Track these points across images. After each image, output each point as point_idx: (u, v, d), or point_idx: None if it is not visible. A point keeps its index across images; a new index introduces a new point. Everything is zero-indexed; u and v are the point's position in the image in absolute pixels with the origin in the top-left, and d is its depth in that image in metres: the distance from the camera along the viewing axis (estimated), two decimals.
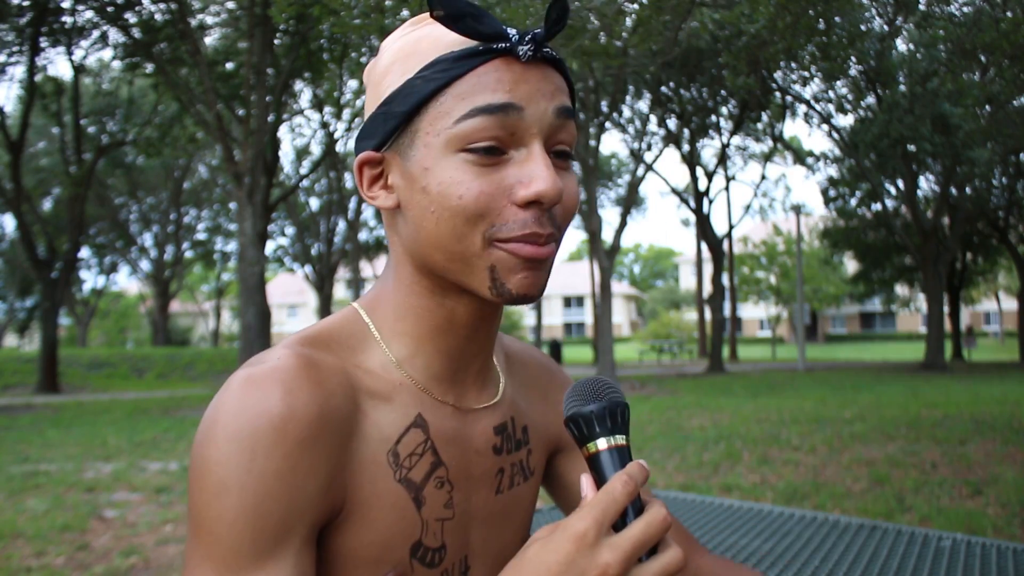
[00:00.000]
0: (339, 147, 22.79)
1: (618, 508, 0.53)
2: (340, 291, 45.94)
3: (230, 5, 15.93)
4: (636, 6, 9.33)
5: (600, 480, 0.57)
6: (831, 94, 18.80)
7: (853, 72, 17.10)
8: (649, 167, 19.84)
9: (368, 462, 0.62)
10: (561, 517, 0.75)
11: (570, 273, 62.18)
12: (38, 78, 16.60)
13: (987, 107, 11.89)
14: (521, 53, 0.59)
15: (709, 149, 35.86)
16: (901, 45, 17.57)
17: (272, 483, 0.56)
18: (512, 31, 0.60)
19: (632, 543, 0.52)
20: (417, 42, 0.63)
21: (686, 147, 22.06)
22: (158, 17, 14.36)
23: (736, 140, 24.70)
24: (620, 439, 0.58)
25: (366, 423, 0.63)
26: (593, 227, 16.22)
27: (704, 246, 27.01)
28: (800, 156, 23.90)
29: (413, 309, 0.67)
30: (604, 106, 17.53)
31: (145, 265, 32.46)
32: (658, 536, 0.53)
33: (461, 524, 0.68)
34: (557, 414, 0.81)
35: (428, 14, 0.64)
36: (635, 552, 0.52)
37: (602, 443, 0.58)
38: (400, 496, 0.63)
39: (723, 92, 18.93)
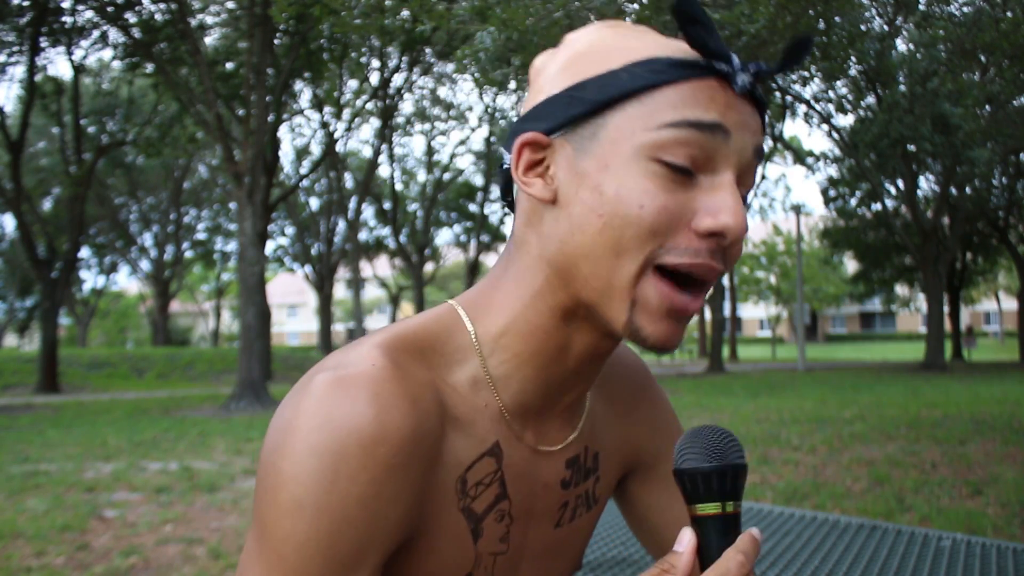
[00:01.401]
0: (339, 147, 22.80)
1: None
2: (340, 291, 45.95)
3: (230, 5, 15.93)
4: (636, 6, 9.32)
5: (704, 545, 0.54)
6: (831, 94, 18.80)
7: (853, 72, 17.10)
8: None
9: (439, 486, 0.58)
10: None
11: None
12: (38, 78, 16.61)
13: (987, 107, 11.89)
14: (740, 82, 0.55)
15: None
16: (901, 45, 17.56)
17: (353, 509, 0.51)
18: (735, 57, 0.56)
19: None
20: (623, 38, 0.58)
21: None
22: (158, 17, 14.36)
23: None
24: (732, 506, 0.54)
25: (446, 446, 0.58)
26: None
27: None
28: (800, 156, 23.90)
29: (525, 326, 0.60)
30: None
31: (145, 265, 32.47)
32: None
33: (512, 560, 0.64)
34: (638, 434, 0.75)
35: (620, 21, 0.61)
36: None
37: (713, 508, 0.54)
38: (460, 526, 0.59)
39: None
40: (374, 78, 21.25)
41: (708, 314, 26.89)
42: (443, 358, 0.60)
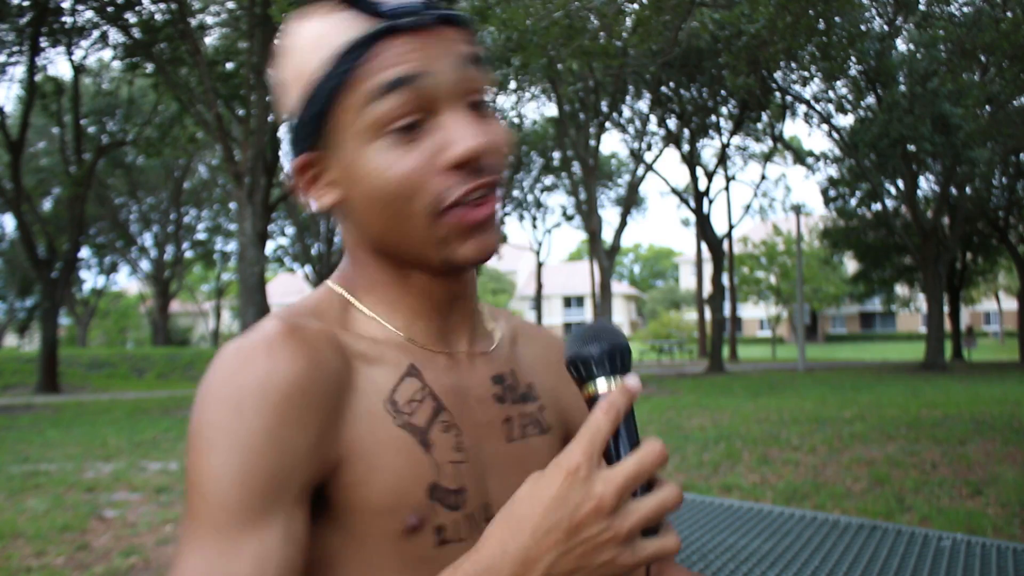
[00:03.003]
0: None
1: (604, 436, 0.52)
2: None
3: (230, 5, 15.93)
4: (636, 6, 9.32)
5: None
6: (831, 94, 18.81)
7: (853, 72, 17.10)
8: (649, 167, 19.85)
9: (364, 413, 0.62)
10: None
11: (570, 273, 62.18)
12: (38, 78, 16.60)
13: (987, 107, 11.89)
14: (411, 24, 0.60)
15: (709, 149, 35.79)
16: (901, 45, 17.58)
17: (260, 440, 0.56)
18: (393, 3, 0.60)
19: (625, 475, 0.51)
20: (315, 39, 0.62)
21: (686, 147, 22.06)
22: (158, 17, 14.36)
23: (736, 140, 24.71)
24: (619, 380, 0.57)
25: (359, 379, 0.63)
26: (593, 227, 16.22)
27: (704, 246, 27.01)
28: (800, 156, 23.90)
29: (382, 282, 0.68)
30: (604, 106, 17.53)
31: (145, 265, 32.47)
32: (653, 469, 0.52)
33: (476, 470, 0.67)
34: (568, 394, 0.78)
35: (314, 6, 0.64)
36: (629, 484, 0.51)
37: (602, 384, 0.57)
38: (404, 440, 0.63)
39: (723, 92, 18.92)
40: None
41: (708, 314, 26.89)
42: (335, 315, 0.67)
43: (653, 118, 20.37)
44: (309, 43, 0.62)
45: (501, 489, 0.69)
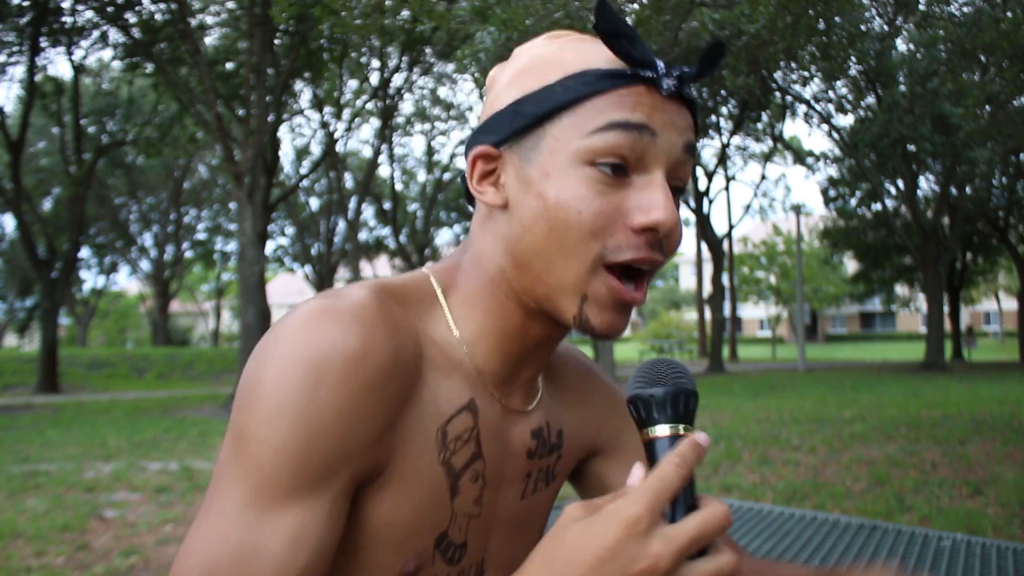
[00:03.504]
0: (339, 147, 22.79)
1: (671, 492, 0.50)
2: None
3: (230, 5, 15.93)
4: (636, 6, 9.32)
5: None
6: (831, 94, 18.79)
7: (853, 72, 17.09)
8: None
9: (419, 431, 0.60)
10: None
11: None
12: (38, 78, 16.61)
13: (987, 107, 11.89)
14: (665, 86, 0.60)
15: (709, 149, 35.83)
16: (901, 45, 17.56)
17: (331, 418, 0.53)
18: (660, 62, 0.60)
19: (687, 536, 0.49)
20: (561, 52, 0.63)
21: None
22: (158, 17, 14.36)
23: (736, 140, 24.73)
24: (683, 428, 0.55)
25: (425, 390, 0.61)
26: None
27: (704, 246, 27.02)
28: (800, 156, 23.91)
29: (489, 303, 0.66)
30: None
31: (145, 265, 32.47)
32: (715, 534, 0.50)
33: (484, 525, 0.66)
34: (596, 416, 0.80)
35: (566, 31, 0.66)
36: (689, 547, 0.49)
37: (662, 430, 0.55)
38: (439, 479, 0.61)
39: (723, 92, 18.92)
40: (374, 78, 21.25)
41: (708, 314, 26.90)
42: (420, 310, 0.65)
43: None
44: (564, 52, 0.63)
45: (499, 547, 0.68)
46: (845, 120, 20.33)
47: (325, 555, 0.55)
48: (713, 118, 21.27)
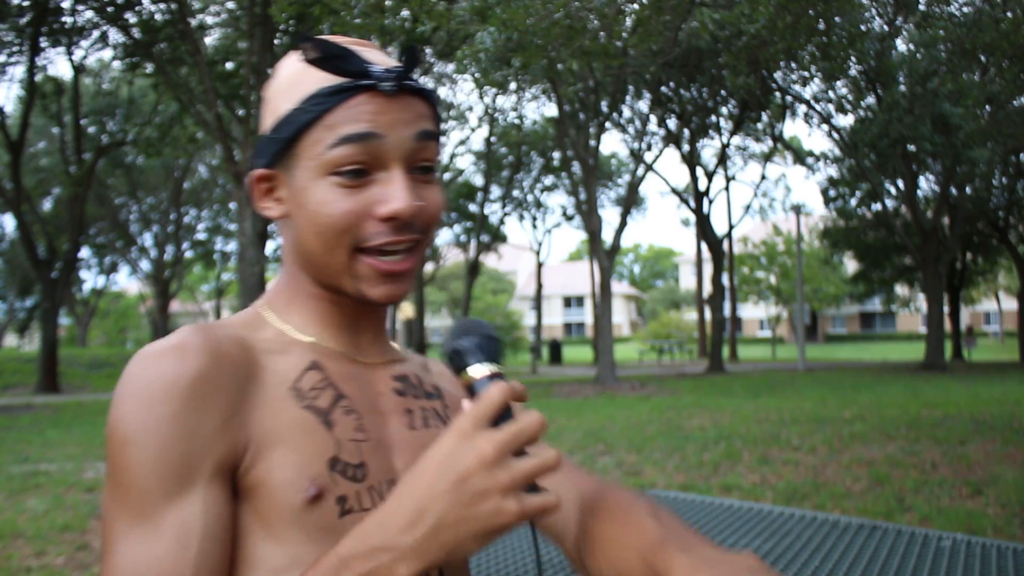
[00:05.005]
0: None
1: (494, 406, 0.58)
2: None
3: (230, 5, 15.93)
4: (636, 6, 9.32)
5: None
6: (831, 94, 18.80)
7: (853, 72, 17.10)
8: (649, 167, 19.84)
9: (269, 400, 0.69)
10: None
11: (570, 273, 62.17)
12: (38, 78, 16.61)
13: (987, 107, 11.89)
14: (385, 88, 0.69)
15: (709, 149, 35.86)
16: (901, 45, 17.57)
17: (169, 427, 0.62)
18: (379, 67, 0.69)
19: (507, 434, 0.56)
20: (303, 72, 0.72)
21: (686, 147, 22.06)
22: (158, 17, 14.36)
23: (736, 140, 24.72)
24: (494, 367, 0.64)
25: (263, 372, 0.70)
26: (593, 227, 16.22)
27: (704, 246, 27.02)
28: (800, 156, 23.90)
29: (304, 294, 0.77)
30: (604, 106, 17.53)
31: (145, 265, 32.45)
32: (534, 434, 0.57)
33: (380, 449, 0.73)
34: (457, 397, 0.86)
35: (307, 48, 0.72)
36: (510, 440, 0.56)
37: (478, 370, 0.63)
38: (307, 419, 0.69)
39: (723, 92, 18.92)
40: None
41: (708, 314, 26.90)
42: (248, 329, 0.74)
43: (653, 118, 20.36)
44: (295, 77, 0.72)
45: (407, 468, 0.74)
46: (845, 120, 20.35)
47: (218, 537, 0.63)
48: (713, 118, 21.27)
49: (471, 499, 0.56)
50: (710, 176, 22.78)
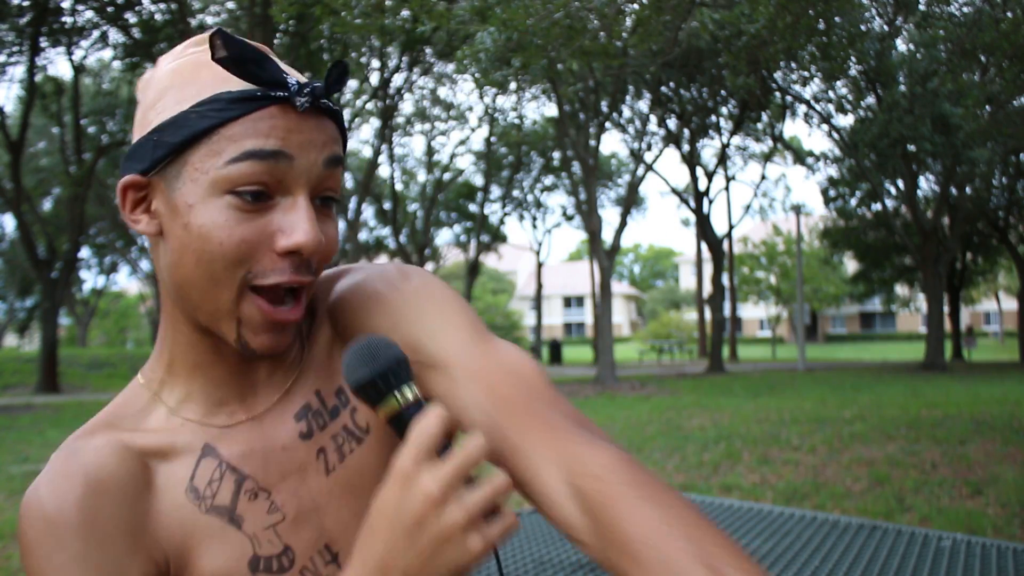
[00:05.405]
0: None
1: (433, 438, 0.53)
2: None
3: (230, 5, 15.94)
4: (636, 6, 9.33)
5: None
6: (831, 94, 18.80)
7: (853, 72, 17.10)
8: (649, 167, 19.84)
9: (170, 508, 0.63)
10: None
11: (570, 273, 62.18)
12: (38, 78, 16.62)
13: (987, 107, 11.89)
14: (299, 104, 0.59)
15: (709, 149, 35.80)
16: (901, 45, 17.57)
17: (78, 569, 0.59)
18: (293, 79, 0.60)
19: (451, 468, 0.52)
20: (197, 69, 0.61)
21: (686, 147, 22.06)
22: (158, 17, 14.37)
23: (736, 140, 24.71)
24: (410, 392, 0.57)
25: (155, 477, 0.64)
26: (593, 227, 16.22)
27: (704, 246, 27.02)
28: (800, 156, 23.91)
29: (183, 343, 0.66)
30: (604, 106, 17.54)
31: (145, 265, 32.44)
32: (478, 459, 0.53)
33: (301, 519, 0.67)
34: (400, 338, 0.69)
35: (200, 42, 0.64)
36: (455, 473, 0.52)
37: (401, 400, 0.57)
38: (213, 524, 0.64)
39: (723, 92, 18.93)
40: (374, 78, 21.26)
41: (708, 314, 26.91)
42: (131, 419, 0.67)
43: (653, 118, 20.37)
44: (186, 73, 0.61)
45: (340, 522, 0.68)
46: (845, 120, 20.35)
47: None
48: (713, 118, 21.28)
49: (431, 545, 0.52)
50: (710, 176, 22.78)
